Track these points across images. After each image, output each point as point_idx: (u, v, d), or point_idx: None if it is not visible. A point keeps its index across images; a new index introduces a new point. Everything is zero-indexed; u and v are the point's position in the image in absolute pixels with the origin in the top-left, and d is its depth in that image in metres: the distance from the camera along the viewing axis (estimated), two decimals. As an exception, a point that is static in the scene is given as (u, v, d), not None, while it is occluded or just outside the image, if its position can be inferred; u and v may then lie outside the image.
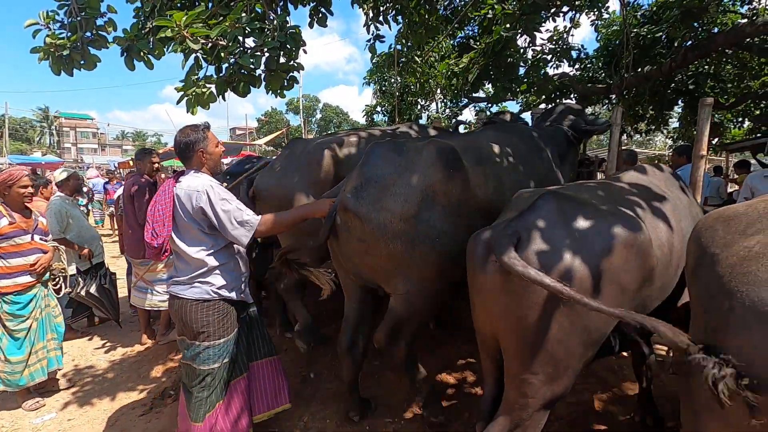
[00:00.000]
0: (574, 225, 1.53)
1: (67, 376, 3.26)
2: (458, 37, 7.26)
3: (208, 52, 2.83)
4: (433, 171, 2.09)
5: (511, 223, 1.57)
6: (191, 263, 2.02)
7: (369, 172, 2.13)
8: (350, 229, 2.11)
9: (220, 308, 2.04)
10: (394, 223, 2.01)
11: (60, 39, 2.84)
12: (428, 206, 2.05)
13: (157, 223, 2.00)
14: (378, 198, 2.05)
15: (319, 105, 49.54)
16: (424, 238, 2.03)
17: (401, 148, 2.23)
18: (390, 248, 2.03)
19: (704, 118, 2.43)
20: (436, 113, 8.78)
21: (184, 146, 2.11)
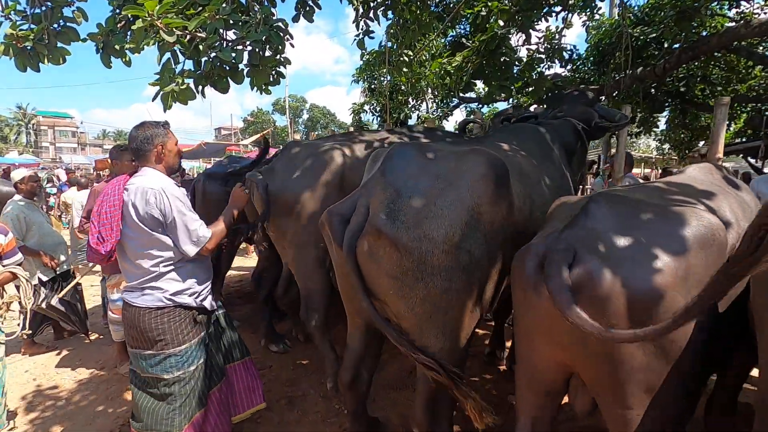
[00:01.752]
0: (639, 228, 1.30)
1: (26, 399, 2.98)
2: (450, 36, 7.11)
3: (185, 45, 2.61)
4: (482, 186, 1.71)
5: (562, 234, 1.33)
6: (141, 268, 1.90)
7: (400, 184, 1.71)
8: (380, 262, 1.67)
9: (176, 315, 1.92)
10: (435, 255, 1.62)
11: (22, 31, 2.59)
12: (471, 232, 1.67)
13: (104, 226, 1.85)
14: (418, 221, 1.63)
15: (306, 105, 49.11)
16: (463, 273, 1.67)
17: (434, 153, 1.85)
18: (428, 289, 1.64)
19: (721, 118, 2.31)
20: (427, 113, 8.62)
21: (142, 140, 1.99)
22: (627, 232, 1.30)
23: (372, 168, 2.04)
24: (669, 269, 1.22)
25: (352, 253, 1.71)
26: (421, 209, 1.66)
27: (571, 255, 1.28)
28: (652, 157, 14.61)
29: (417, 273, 1.64)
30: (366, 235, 1.69)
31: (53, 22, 2.64)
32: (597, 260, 1.25)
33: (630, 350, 1.23)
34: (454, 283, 1.67)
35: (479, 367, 3.17)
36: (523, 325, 1.47)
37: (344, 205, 1.85)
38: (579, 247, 1.29)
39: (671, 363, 1.25)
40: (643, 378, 1.24)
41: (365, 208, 1.73)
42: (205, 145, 10.89)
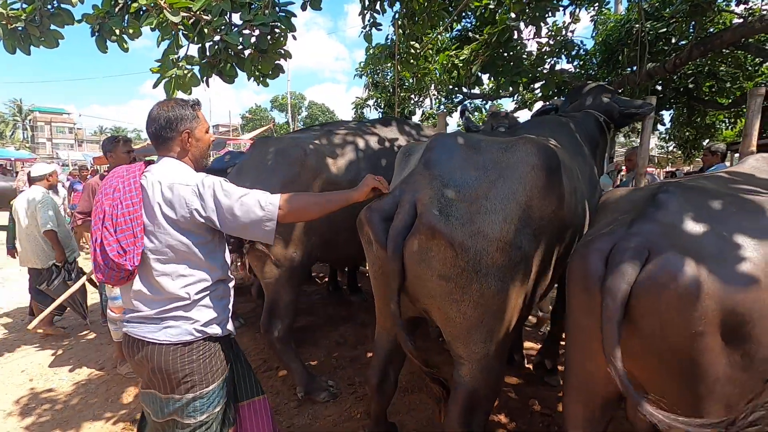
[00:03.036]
0: (720, 221, 1.16)
1: (21, 402, 2.83)
2: (456, 30, 6.98)
3: (189, 27, 2.48)
4: (533, 177, 1.59)
5: (632, 228, 1.18)
6: (165, 292, 1.43)
7: (448, 176, 1.57)
8: (432, 262, 1.53)
9: (206, 349, 1.49)
10: (491, 253, 1.50)
11: (13, 10, 2.45)
12: (522, 227, 1.54)
13: (124, 233, 1.39)
14: (472, 216, 1.50)
15: (305, 102, 48.94)
16: (514, 271, 1.55)
17: (479, 143, 1.70)
18: (482, 290, 1.52)
19: (755, 109, 2.19)
20: (431, 109, 8.50)
21: (165, 123, 1.50)
22: (707, 225, 1.16)
23: (405, 162, 1.91)
24: (761, 266, 1.08)
25: (398, 254, 1.56)
26: (474, 203, 1.53)
27: (645, 252, 1.14)
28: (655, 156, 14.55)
29: (472, 273, 1.51)
30: (417, 234, 1.54)
31: (47, 3, 2.50)
32: (678, 256, 1.11)
33: (713, 360, 1.09)
34: (506, 283, 1.55)
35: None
36: (579, 329, 1.32)
37: (385, 202, 1.67)
38: (655, 243, 1.15)
39: (759, 376, 1.11)
40: (725, 392, 1.10)
41: (410, 205, 1.57)
42: (204, 140, 10.67)
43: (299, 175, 2.59)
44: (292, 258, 2.64)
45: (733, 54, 7.02)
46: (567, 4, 5.81)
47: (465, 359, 1.67)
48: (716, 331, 1.07)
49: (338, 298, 4.73)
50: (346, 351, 3.43)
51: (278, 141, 2.83)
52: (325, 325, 3.98)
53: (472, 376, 1.66)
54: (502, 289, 1.55)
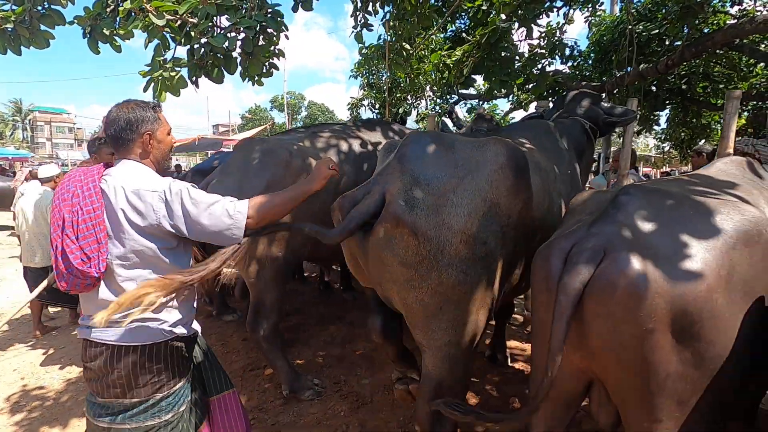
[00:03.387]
0: (676, 222, 1.20)
1: (11, 400, 2.87)
2: (449, 31, 7.00)
3: (176, 30, 2.50)
4: (501, 177, 1.69)
5: (591, 228, 1.23)
6: None
7: (418, 171, 1.66)
8: (395, 249, 1.62)
9: (173, 349, 1.49)
10: (453, 245, 1.58)
11: (3, 11, 2.48)
12: (488, 223, 1.64)
13: (87, 239, 1.34)
14: (437, 208, 1.59)
15: (304, 102, 48.95)
16: (478, 264, 1.63)
17: (453, 142, 1.80)
18: (441, 279, 1.60)
19: (732, 112, 2.22)
20: (426, 110, 8.52)
21: (125, 124, 1.46)
22: (662, 226, 1.20)
23: (384, 158, 1.98)
24: (711, 266, 1.12)
25: (350, 230, 1.65)
26: (440, 197, 1.62)
27: (601, 252, 1.18)
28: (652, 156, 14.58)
29: (433, 262, 1.59)
30: (383, 222, 1.63)
31: (37, 4, 2.53)
32: (631, 256, 1.15)
33: (664, 357, 1.12)
34: (468, 276, 1.62)
35: (480, 369, 3.07)
36: (542, 325, 1.36)
37: (357, 192, 1.79)
38: (610, 243, 1.19)
39: (709, 373, 1.14)
40: (677, 388, 1.13)
41: (379, 195, 1.67)
42: (199, 139, 10.71)
43: (284, 176, 2.62)
44: (276, 257, 2.66)
45: (728, 55, 7.05)
46: (560, 5, 5.84)
47: (426, 347, 1.75)
48: (666, 330, 1.10)
49: (328, 297, 4.76)
50: (334, 350, 3.47)
51: (263, 142, 2.87)
52: (315, 324, 4.01)
53: (434, 365, 1.74)
54: (463, 281, 1.62)
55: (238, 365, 3.25)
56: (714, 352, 1.12)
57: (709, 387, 1.14)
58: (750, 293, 1.17)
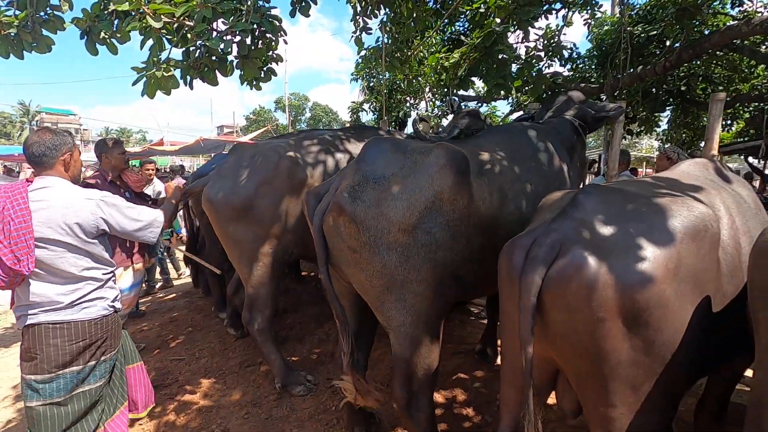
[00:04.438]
0: (628, 219, 1.28)
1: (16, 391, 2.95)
2: (448, 33, 7.05)
3: (172, 32, 2.57)
4: (442, 177, 1.90)
5: (550, 225, 1.32)
6: (76, 283, 1.78)
7: (369, 170, 1.91)
8: (342, 235, 1.88)
9: (114, 320, 1.92)
10: (392, 233, 1.81)
11: (6, 17, 2.56)
12: (431, 215, 1.85)
13: (18, 245, 1.62)
14: (378, 201, 1.83)
15: (308, 104, 49.11)
16: (421, 251, 1.84)
17: (405, 147, 2.04)
18: (384, 262, 1.82)
19: (716, 114, 2.25)
20: (426, 112, 8.57)
21: (50, 146, 1.82)
22: (615, 223, 1.26)
23: None
24: (658, 260, 1.17)
25: (318, 228, 1.93)
26: (382, 192, 1.84)
27: (557, 247, 1.25)
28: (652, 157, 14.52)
29: (374, 247, 1.81)
30: (330, 211, 1.89)
31: (39, 10, 2.60)
32: (583, 250, 1.21)
33: (616, 345, 1.18)
34: (411, 259, 1.82)
35: (470, 365, 3.10)
36: (508, 317, 1.43)
37: (321, 187, 2.09)
38: (566, 238, 1.26)
39: (660, 360, 1.20)
40: (629, 374, 1.19)
41: (335, 189, 1.93)
42: (203, 141, 10.76)
43: (274, 178, 2.76)
44: (269, 253, 2.79)
45: (728, 56, 7.05)
46: (559, 8, 5.87)
47: (388, 327, 1.94)
48: (617, 318, 1.16)
49: (324, 295, 4.81)
50: (328, 347, 3.51)
51: (255, 146, 3.03)
52: (310, 322, 4.06)
53: (398, 344, 1.92)
54: (405, 263, 1.82)
55: (234, 361, 3.31)
56: (663, 340, 1.18)
57: (660, 374, 1.19)
58: (698, 284, 1.22)
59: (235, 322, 3.81)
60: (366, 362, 2.35)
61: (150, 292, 5.43)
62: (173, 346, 3.68)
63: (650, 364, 1.18)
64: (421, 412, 1.95)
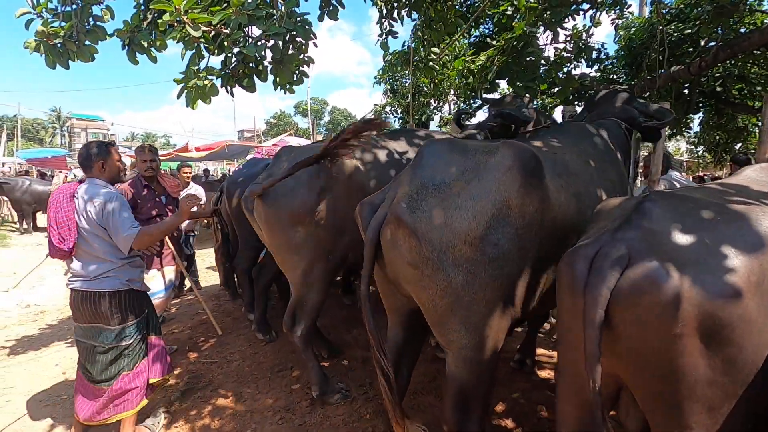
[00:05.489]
0: (703, 228, 1.19)
1: (54, 393, 3.00)
2: (473, 36, 6.99)
3: (210, 40, 2.61)
4: (509, 180, 1.70)
5: (615, 234, 1.23)
6: (100, 261, 2.31)
7: (427, 176, 1.74)
8: (402, 250, 1.71)
9: (129, 296, 2.38)
10: (457, 246, 1.63)
11: (53, 28, 2.64)
12: (498, 225, 1.66)
13: (63, 228, 2.23)
14: (440, 211, 1.65)
15: (327, 108, 49.54)
16: (488, 266, 1.65)
17: (465, 147, 1.85)
18: (449, 280, 1.64)
19: (770, 115, 2.12)
20: (449, 115, 8.51)
21: (87, 155, 2.39)
22: (689, 232, 1.19)
23: None
24: (740, 272, 1.09)
25: (373, 241, 1.79)
26: (444, 200, 1.67)
27: (626, 258, 1.18)
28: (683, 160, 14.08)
29: (437, 263, 1.64)
30: (388, 224, 1.75)
31: (83, 21, 2.68)
32: (658, 262, 1.14)
33: (693, 363, 1.11)
34: (478, 276, 1.64)
35: (508, 375, 3.04)
36: (568, 331, 1.36)
37: (376, 197, 1.93)
38: (636, 249, 1.19)
39: (741, 380, 1.12)
40: (706, 395, 1.12)
41: (391, 199, 1.79)
42: (228, 146, 11.03)
43: (332, 182, 2.64)
44: (322, 260, 2.67)
45: (765, 56, 6.79)
46: (587, 8, 5.76)
47: (446, 347, 1.80)
48: (695, 335, 1.09)
49: (351, 300, 4.80)
50: (358, 352, 3.50)
51: (303, 150, 2.90)
52: (338, 326, 4.06)
53: (455, 366, 1.78)
54: (473, 281, 1.64)
55: (266, 365, 3.32)
56: (745, 358, 1.10)
57: (740, 395, 1.11)
58: None
59: (262, 327, 3.82)
60: (409, 379, 2.22)
61: (179, 294, 5.52)
62: (204, 348, 3.72)
63: (730, 384, 1.10)
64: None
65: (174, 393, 2.97)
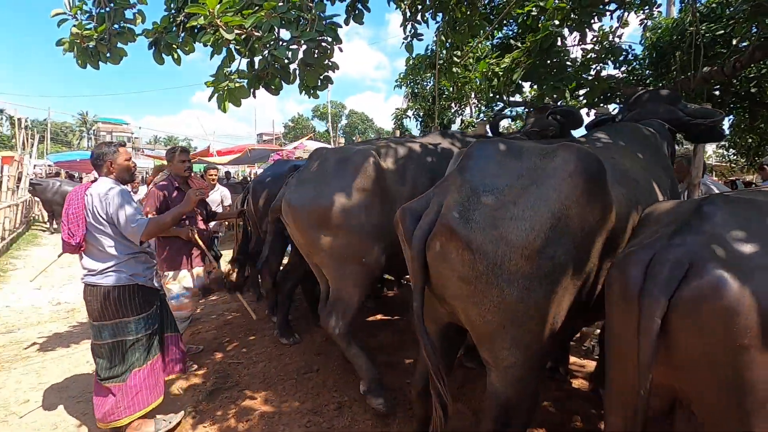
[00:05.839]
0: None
1: (87, 389, 3.05)
2: (496, 38, 6.92)
3: (241, 43, 2.64)
4: (571, 187, 1.55)
5: (673, 239, 1.17)
6: (105, 256, 2.41)
7: (477, 181, 1.60)
8: (453, 263, 1.58)
9: (133, 291, 2.45)
10: (513, 260, 1.50)
11: (87, 30, 2.70)
12: (556, 237, 1.51)
13: (72, 223, 2.36)
14: (495, 221, 1.52)
15: (345, 111, 49.85)
16: (544, 282, 1.53)
17: (519, 150, 1.71)
18: (503, 296, 1.53)
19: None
20: (470, 118, 8.44)
21: (96, 157, 2.51)
22: (755, 238, 1.12)
23: (451, 167, 1.97)
24: None
25: (420, 252, 1.65)
26: (499, 209, 1.54)
27: (686, 264, 1.12)
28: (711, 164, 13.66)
29: (491, 278, 1.52)
30: (437, 235, 1.61)
31: (115, 23, 2.74)
32: (722, 269, 1.08)
33: (762, 376, 1.04)
34: (534, 292, 1.53)
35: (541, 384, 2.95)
36: (619, 340, 1.30)
37: (418, 203, 1.77)
38: (697, 254, 1.13)
39: None
40: None
41: (438, 206, 1.64)
42: (250, 150, 11.25)
43: (368, 183, 2.63)
44: (358, 262, 2.65)
45: (802, 55, 6.52)
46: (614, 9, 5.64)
47: (492, 366, 1.69)
48: (764, 346, 1.02)
49: (376, 305, 4.77)
50: (384, 357, 3.46)
51: (341, 151, 2.89)
52: (363, 331, 4.03)
53: (501, 384, 1.66)
54: (528, 298, 1.52)
55: (291, 367, 3.31)
56: None
57: None
58: None
59: (285, 331, 3.82)
60: None
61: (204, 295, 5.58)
62: (230, 349, 3.75)
63: None
64: None
65: (201, 393, 2.98)
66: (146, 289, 2.53)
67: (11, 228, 9.18)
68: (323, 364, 3.26)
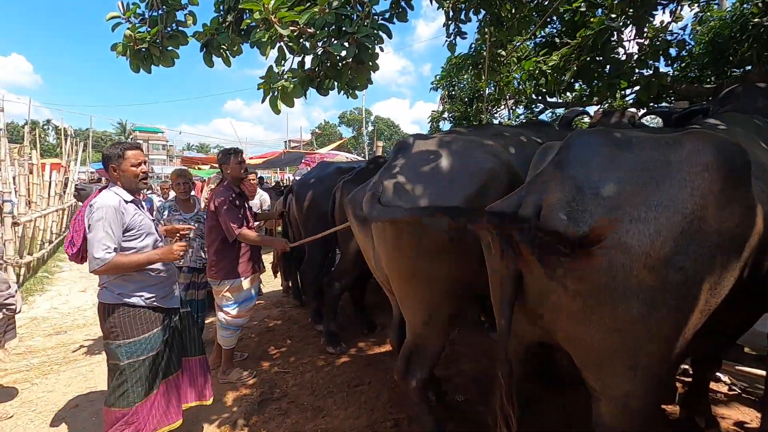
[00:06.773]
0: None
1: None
2: (539, 36, 6.70)
3: (294, 40, 2.55)
4: (707, 182, 1.29)
5: None
6: None
7: (582, 177, 1.36)
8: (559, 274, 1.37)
9: (124, 312, 2.16)
10: (634, 271, 1.25)
11: (139, 33, 2.69)
12: (687, 243, 1.25)
13: (76, 232, 2.21)
14: (610, 224, 1.28)
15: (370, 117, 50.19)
16: (670, 297, 1.27)
17: (629, 140, 1.42)
18: (617, 314, 1.29)
19: None
20: (508, 119, 8.22)
21: (103, 159, 2.27)
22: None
23: (539, 162, 1.68)
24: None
25: (513, 259, 1.43)
26: (614, 210, 1.29)
27: None
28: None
29: (606, 292, 1.29)
30: (537, 238, 1.36)
31: (167, 26, 2.72)
32: None
33: None
34: (657, 310, 1.28)
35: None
36: None
37: (507, 203, 1.50)
38: None
39: None
40: None
41: (534, 207, 1.38)
42: (284, 154, 11.54)
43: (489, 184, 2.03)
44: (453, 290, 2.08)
45: None
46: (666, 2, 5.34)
47: (600, 394, 1.46)
48: None
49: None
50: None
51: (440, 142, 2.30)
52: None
53: (611, 415, 1.43)
54: (648, 317, 1.28)
55: (341, 379, 3.18)
56: None
57: None
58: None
59: (332, 340, 3.68)
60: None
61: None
62: (276, 357, 3.65)
63: None
64: None
65: (251, 404, 2.88)
66: (143, 311, 2.19)
67: (58, 231, 9.51)
68: (374, 376, 3.11)
